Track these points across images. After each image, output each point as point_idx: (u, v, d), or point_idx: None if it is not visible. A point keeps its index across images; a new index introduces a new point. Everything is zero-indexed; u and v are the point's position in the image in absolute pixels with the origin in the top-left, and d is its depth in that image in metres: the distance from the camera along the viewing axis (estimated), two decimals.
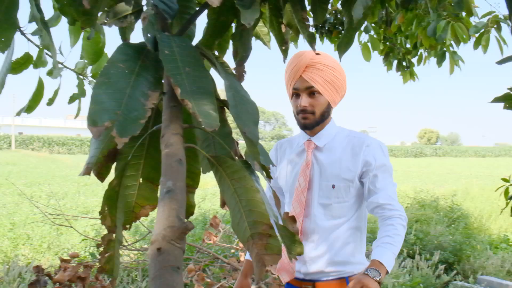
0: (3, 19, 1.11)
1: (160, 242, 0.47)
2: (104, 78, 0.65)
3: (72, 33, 1.57)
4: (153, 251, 0.46)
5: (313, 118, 1.77)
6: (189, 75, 0.68)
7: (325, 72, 1.72)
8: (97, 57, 1.78)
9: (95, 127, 0.60)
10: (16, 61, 1.59)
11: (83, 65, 1.87)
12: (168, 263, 0.46)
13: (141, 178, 0.81)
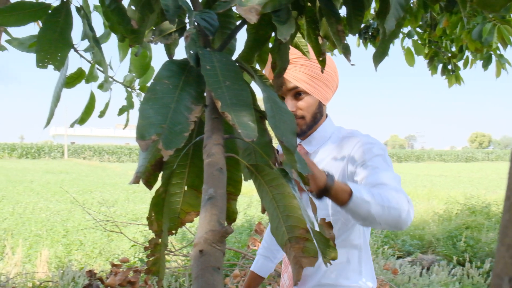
0: (59, 39, 1.20)
1: (202, 245, 0.51)
2: (151, 94, 0.70)
3: (121, 49, 1.65)
4: (195, 253, 0.51)
5: (303, 123, 1.53)
6: (229, 88, 0.73)
7: (310, 67, 1.49)
8: (144, 70, 1.87)
9: (143, 140, 0.65)
10: (70, 76, 1.69)
11: (131, 79, 1.97)
12: (209, 264, 0.50)
13: (186, 185, 0.86)
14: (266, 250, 1.89)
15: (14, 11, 1.22)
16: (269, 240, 1.88)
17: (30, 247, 6.70)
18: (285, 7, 0.78)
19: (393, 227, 1.29)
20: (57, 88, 1.49)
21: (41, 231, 7.91)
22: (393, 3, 0.73)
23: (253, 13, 0.73)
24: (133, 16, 0.92)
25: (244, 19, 0.83)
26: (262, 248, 1.91)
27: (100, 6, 1.83)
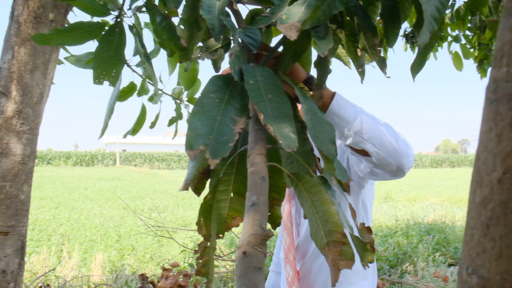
0: (114, 56, 1.29)
1: (245, 247, 0.56)
2: (199, 108, 0.76)
3: (170, 63, 1.74)
4: (239, 254, 0.56)
5: None
6: (271, 101, 0.78)
7: None
8: (192, 83, 1.95)
9: (191, 150, 0.70)
10: (123, 90, 1.79)
11: (179, 91, 2.05)
12: (251, 264, 0.55)
13: (232, 192, 0.91)
14: (277, 265, 1.84)
15: (73, 31, 1.31)
16: (277, 253, 1.84)
17: (85, 251, 6.94)
18: (324, 23, 0.82)
19: (394, 156, 1.15)
20: (111, 101, 1.59)
21: (96, 236, 8.18)
22: (427, 16, 0.76)
23: (293, 30, 0.78)
24: (182, 34, 0.98)
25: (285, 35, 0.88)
26: (273, 264, 1.86)
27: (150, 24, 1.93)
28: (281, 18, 0.80)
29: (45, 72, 2.57)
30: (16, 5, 2.52)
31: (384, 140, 1.13)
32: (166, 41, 1.18)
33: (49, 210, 11.00)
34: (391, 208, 11.90)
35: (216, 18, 0.88)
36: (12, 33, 2.33)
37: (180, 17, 0.99)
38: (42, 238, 7.73)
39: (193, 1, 0.99)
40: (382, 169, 1.18)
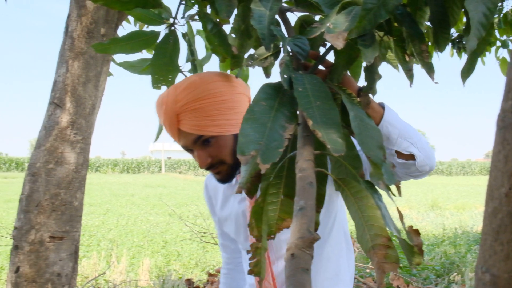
0: (169, 63, 1.35)
1: (293, 249, 0.59)
2: (250, 115, 0.80)
3: (221, 68, 1.79)
4: (288, 256, 0.58)
5: (226, 167, 1.31)
6: (319, 108, 0.80)
7: (205, 107, 1.22)
8: None
9: (243, 156, 0.74)
10: None
11: None
12: (299, 266, 0.57)
13: (282, 195, 0.94)
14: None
15: (130, 40, 1.38)
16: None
17: (133, 256, 7.10)
18: (370, 32, 0.84)
19: (430, 157, 1.16)
20: None
21: (142, 241, 8.36)
22: (474, 23, 0.77)
23: (340, 39, 0.80)
24: (233, 43, 1.03)
25: None
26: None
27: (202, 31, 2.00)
28: (329, 27, 0.83)
29: (97, 84, 2.68)
30: (70, 21, 2.64)
31: (423, 143, 1.15)
32: (217, 48, 1.23)
33: (98, 216, 11.34)
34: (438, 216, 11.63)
35: (266, 28, 0.91)
36: (66, 48, 2.45)
37: (232, 26, 1.04)
38: (92, 243, 7.98)
39: (244, 11, 1.03)
40: (418, 172, 1.19)
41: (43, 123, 2.66)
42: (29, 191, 2.51)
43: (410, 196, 18.06)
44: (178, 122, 1.23)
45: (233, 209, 1.45)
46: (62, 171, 2.58)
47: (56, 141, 2.57)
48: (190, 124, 1.23)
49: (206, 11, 1.32)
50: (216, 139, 1.27)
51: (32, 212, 2.47)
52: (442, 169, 61.38)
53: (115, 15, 2.78)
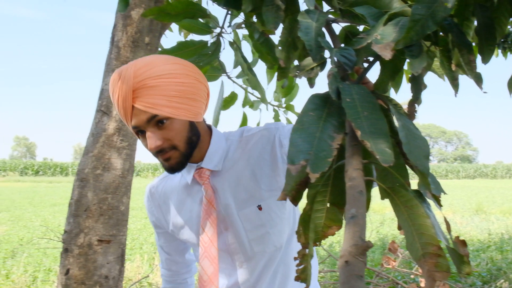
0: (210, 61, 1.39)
1: (347, 257, 0.60)
2: (299, 125, 0.82)
3: (268, 73, 1.83)
4: (342, 263, 0.60)
5: (178, 154, 1.24)
6: (367, 118, 0.82)
7: (164, 85, 1.17)
8: (290, 90, 2.04)
9: (293, 165, 0.77)
10: (225, 99, 1.91)
11: (277, 98, 2.15)
12: (353, 272, 0.59)
13: (328, 203, 0.95)
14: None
15: (179, 50, 1.44)
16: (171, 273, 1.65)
17: None
18: (417, 43, 0.85)
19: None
20: (216, 112, 1.72)
21: None
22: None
23: (388, 50, 0.82)
24: (280, 55, 1.05)
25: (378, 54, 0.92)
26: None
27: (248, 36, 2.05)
28: (376, 38, 0.85)
29: None
30: (116, 31, 2.74)
31: None
32: (265, 55, 1.27)
33: (140, 220, 11.55)
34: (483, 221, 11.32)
35: (314, 40, 0.94)
36: (112, 57, 2.54)
37: (279, 39, 1.06)
38: (134, 247, 8.14)
39: (291, 23, 1.06)
40: None
41: (90, 130, 2.75)
42: (78, 196, 2.61)
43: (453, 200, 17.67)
44: (134, 99, 1.16)
45: (193, 212, 1.38)
46: (109, 176, 2.67)
47: (103, 148, 2.67)
48: (146, 102, 1.16)
49: (252, 21, 1.35)
50: (170, 121, 1.20)
51: (81, 216, 2.57)
52: (486, 172, 59.68)
53: (158, 24, 2.86)
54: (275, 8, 1.07)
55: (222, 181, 1.32)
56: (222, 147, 1.35)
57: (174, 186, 1.42)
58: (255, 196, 1.31)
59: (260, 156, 1.32)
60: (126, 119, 1.21)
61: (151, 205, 1.49)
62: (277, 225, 1.33)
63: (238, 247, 1.34)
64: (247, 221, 1.31)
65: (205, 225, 1.29)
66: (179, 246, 1.54)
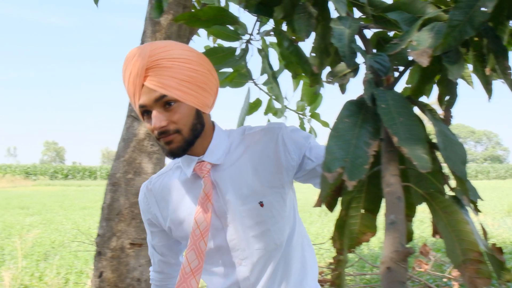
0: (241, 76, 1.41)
1: (389, 263, 0.61)
2: (335, 132, 0.83)
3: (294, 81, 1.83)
4: (383, 269, 0.61)
5: (180, 138, 1.24)
6: (403, 124, 0.82)
7: (177, 68, 1.19)
8: (314, 98, 2.04)
9: (329, 173, 0.77)
10: (250, 105, 1.93)
11: (302, 106, 2.15)
12: (395, 279, 0.60)
13: (362, 209, 0.96)
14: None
15: (208, 55, 1.46)
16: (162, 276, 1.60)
17: None
18: (454, 48, 0.85)
19: None
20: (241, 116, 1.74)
21: None
22: None
23: (425, 56, 0.82)
24: (314, 62, 1.06)
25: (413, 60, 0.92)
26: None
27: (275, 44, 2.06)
28: (412, 45, 0.85)
29: None
30: (145, 37, 2.78)
31: None
32: (294, 65, 1.27)
33: None
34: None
35: (347, 46, 0.94)
36: None
37: (312, 45, 1.07)
38: None
39: (324, 30, 1.07)
40: None
41: (121, 135, 2.80)
42: (110, 200, 2.65)
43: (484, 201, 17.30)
44: (145, 77, 1.17)
45: (192, 208, 1.35)
46: (140, 180, 2.71)
47: (134, 152, 2.71)
48: (157, 81, 1.17)
49: (282, 28, 1.36)
50: (178, 104, 1.20)
51: (113, 220, 2.61)
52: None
53: (187, 30, 2.90)
54: (307, 16, 1.07)
55: (223, 176, 1.32)
56: (225, 142, 1.35)
57: (173, 182, 1.40)
58: (256, 192, 1.30)
59: (262, 153, 1.33)
60: (134, 97, 1.21)
61: (147, 202, 1.45)
62: (278, 222, 1.33)
63: (237, 244, 1.32)
64: (248, 218, 1.30)
65: (198, 218, 1.28)
66: (174, 246, 1.51)
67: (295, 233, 1.39)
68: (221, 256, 1.35)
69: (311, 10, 1.09)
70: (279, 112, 1.98)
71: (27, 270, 6.06)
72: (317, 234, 9.29)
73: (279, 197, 1.32)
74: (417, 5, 1.05)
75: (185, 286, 1.30)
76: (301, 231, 1.45)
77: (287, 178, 1.33)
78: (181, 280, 1.31)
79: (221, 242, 1.33)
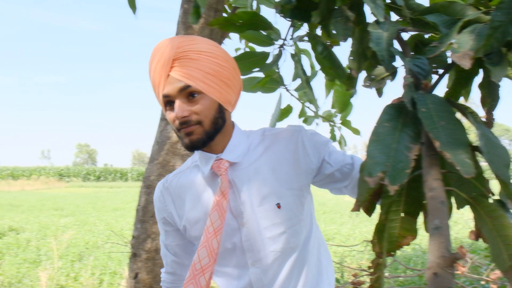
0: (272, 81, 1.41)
1: (435, 268, 0.61)
2: (375, 137, 0.83)
3: (326, 87, 1.83)
4: (430, 275, 0.61)
5: (201, 130, 1.23)
6: (444, 128, 0.81)
7: (203, 61, 1.21)
8: (345, 106, 2.02)
9: (370, 177, 0.77)
10: (281, 111, 1.93)
11: (333, 114, 2.14)
12: (442, 284, 0.60)
13: (402, 212, 0.95)
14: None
15: (242, 60, 1.46)
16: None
17: None
18: (497, 49, 0.84)
19: None
20: (272, 122, 1.74)
21: None
22: None
23: (467, 59, 0.81)
24: (352, 65, 1.06)
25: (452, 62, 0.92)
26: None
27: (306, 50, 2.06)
28: (454, 47, 0.84)
29: None
30: None
31: None
32: (327, 69, 1.27)
33: None
34: None
35: (385, 50, 0.94)
36: None
37: (351, 49, 1.07)
38: None
39: (361, 33, 1.07)
40: None
41: (155, 138, 2.84)
42: (145, 203, 2.69)
43: None
44: (171, 68, 1.19)
45: (209, 207, 1.33)
46: None
47: (168, 155, 2.74)
48: (183, 72, 1.19)
49: (316, 33, 1.36)
50: (201, 96, 1.21)
51: (148, 222, 2.65)
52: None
53: (218, 33, 2.92)
54: (344, 20, 1.07)
55: (241, 176, 1.31)
56: (244, 141, 1.34)
57: (190, 180, 1.39)
58: (274, 193, 1.29)
59: (282, 154, 1.32)
60: (158, 86, 1.22)
61: (163, 200, 1.44)
62: (295, 225, 1.31)
63: (252, 245, 1.31)
64: (264, 218, 1.29)
65: (213, 216, 1.26)
66: (188, 247, 1.49)
67: (311, 237, 1.38)
68: (235, 257, 1.34)
69: (348, 14, 1.09)
70: (311, 119, 1.98)
71: (63, 271, 6.20)
72: (348, 235, 9.23)
73: (297, 199, 1.30)
74: (456, 7, 1.04)
75: (194, 283, 1.29)
76: (317, 236, 1.43)
77: (306, 181, 1.32)
78: (190, 276, 1.30)
79: (236, 242, 1.32)
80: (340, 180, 1.34)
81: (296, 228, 1.31)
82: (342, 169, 1.33)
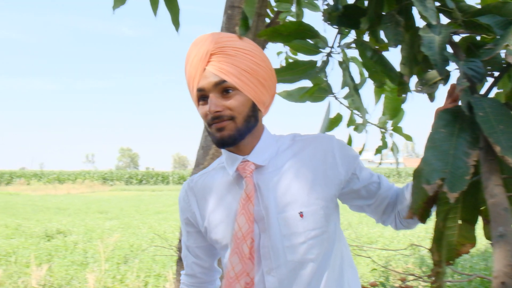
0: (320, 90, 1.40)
1: (503, 277, 0.60)
2: (431, 143, 0.82)
3: (376, 93, 1.81)
4: (497, 284, 0.60)
5: (233, 126, 1.22)
6: (504, 132, 0.80)
7: (240, 58, 1.21)
8: (396, 112, 1.99)
9: (428, 185, 0.76)
10: (330, 120, 1.91)
11: (384, 120, 2.12)
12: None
13: (459, 220, 0.94)
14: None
15: (289, 70, 1.47)
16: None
17: None
18: None
19: None
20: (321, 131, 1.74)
21: None
22: None
23: None
24: (404, 71, 1.05)
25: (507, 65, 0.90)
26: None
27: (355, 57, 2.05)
28: (509, 49, 0.82)
29: None
30: None
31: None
32: (379, 73, 1.27)
33: None
34: None
35: (438, 54, 0.93)
36: None
37: (402, 55, 1.06)
38: None
39: (411, 38, 1.05)
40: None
41: (200, 143, 2.87)
42: None
43: None
44: (208, 62, 1.20)
45: (232, 209, 1.30)
46: None
47: (213, 160, 2.77)
48: (219, 66, 1.19)
49: (363, 39, 1.35)
50: (235, 92, 1.21)
51: None
52: None
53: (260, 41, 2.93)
54: (394, 25, 1.06)
55: (266, 180, 1.27)
56: (273, 145, 1.31)
57: (215, 181, 1.36)
58: (298, 201, 1.24)
59: (310, 162, 1.28)
60: (193, 80, 1.22)
61: (188, 200, 1.41)
62: (316, 237, 1.25)
63: (270, 252, 1.26)
64: (285, 226, 1.24)
65: (240, 220, 1.23)
66: (209, 249, 1.46)
67: (333, 251, 1.31)
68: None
69: (398, 18, 1.08)
70: (360, 126, 1.96)
71: (109, 273, 6.34)
72: (392, 238, 9.09)
73: (321, 210, 1.25)
74: (510, 7, 1.01)
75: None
76: (342, 251, 1.36)
77: (332, 192, 1.28)
78: (225, 284, 1.27)
79: (256, 248, 1.27)
80: (365, 197, 1.33)
81: (317, 241, 1.26)
82: (368, 187, 1.31)
